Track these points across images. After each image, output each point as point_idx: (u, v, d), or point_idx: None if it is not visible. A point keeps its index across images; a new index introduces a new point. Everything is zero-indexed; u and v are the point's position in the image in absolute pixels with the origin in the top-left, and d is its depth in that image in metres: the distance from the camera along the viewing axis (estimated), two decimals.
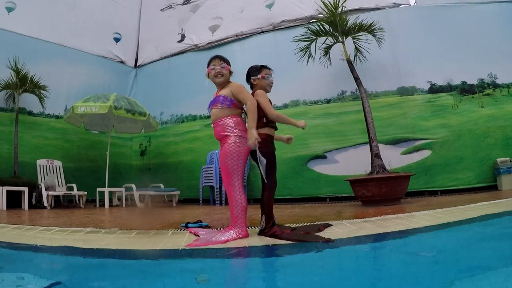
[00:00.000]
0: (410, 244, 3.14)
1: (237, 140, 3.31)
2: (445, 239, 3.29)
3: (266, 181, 3.45)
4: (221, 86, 3.54)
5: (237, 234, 3.24)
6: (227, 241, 3.14)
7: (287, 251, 2.93)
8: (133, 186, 8.44)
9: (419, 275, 2.13)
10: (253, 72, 3.69)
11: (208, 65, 3.55)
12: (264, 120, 3.50)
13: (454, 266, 2.28)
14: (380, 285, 2.00)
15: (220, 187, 8.39)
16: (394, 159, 7.21)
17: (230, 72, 3.57)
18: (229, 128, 3.36)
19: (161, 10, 11.63)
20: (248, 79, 3.73)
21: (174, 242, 3.26)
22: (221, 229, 3.57)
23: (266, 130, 3.49)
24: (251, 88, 3.71)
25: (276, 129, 3.61)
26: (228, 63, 3.56)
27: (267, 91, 3.67)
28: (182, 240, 3.29)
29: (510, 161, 6.96)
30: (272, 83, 3.73)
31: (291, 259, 2.79)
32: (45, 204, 7.46)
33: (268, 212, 3.43)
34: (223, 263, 2.81)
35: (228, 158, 3.29)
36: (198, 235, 3.46)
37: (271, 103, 3.59)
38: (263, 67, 3.71)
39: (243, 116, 3.53)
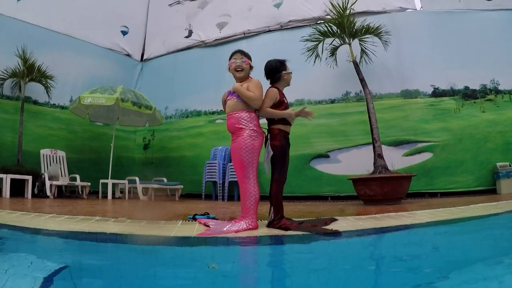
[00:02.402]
0: (413, 236, 3.26)
1: (252, 134, 3.41)
2: (443, 233, 3.43)
3: (273, 173, 3.56)
4: (241, 80, 3.63)
5: (248, 225, 3.33)
6: (237, 231, 3.24)
7: (296, 242, 3.03)
8: (137, 178, 8.50)
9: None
10: (285, 66, 3.80)
11: (230, 58, 3.66)
12: (275, 119, 3.61)
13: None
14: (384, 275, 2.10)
15: (223, 182, 8.47)
16: (396, 160, 7.30)
17: (251, 67, 3.66)
18: (244, 121, 3.45)
19: (169, 5, 11.66)
20: (278, 71, 3.78)
21: (185, 231, 3.34)
22: (232, 220, 3.65)
23: (280, 126, 3.61)
24: (275, 81, 3.80)
25: (290, 124, 3.70)
26: (249, 58, 3.66)
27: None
28: (193, 229, 3.38)
29: (510, 165, 7.07)
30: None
31: (300, 248, 2.89)
32: (48, 193, 7.49)
33: (277, 204, 3.52)
34: (234, 251, 2.91)
35: (243, 151, 3.38)
36: (208, 226, 3.54)
37: (287, 105, 3.72)
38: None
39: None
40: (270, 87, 3.74)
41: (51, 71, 8.68)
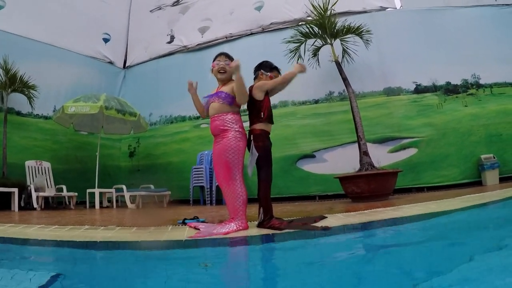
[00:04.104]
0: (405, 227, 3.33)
1: (237, 135, 3.45)
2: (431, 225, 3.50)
3: (260, 175, 3.59)
4: (223, 82, 3.66)
5: (238, 226, 3.34)
6: (228, 233, 3.25)
7: (287, 240, 3.05)
8: (124, 187, 8.43)
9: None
10: (266, 68, 3.87)
11: (214, 60, 3.70)
12: (262, 115, 3.63)
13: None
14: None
15: (211, 187, 8.46)
16: (382, 157, 7.37)
17: None
18: (229, 123, 3.48)
19: (150, 11, 11.61)
20: (258, 69, 3.88)
21: (176, 235, 3.34)
22: (221, 222, 3.65)
23: (262, 125, 3.64)
24: (255, 78, 3.90)
25: (272, 123, 3.74)
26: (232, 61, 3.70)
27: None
28: (183, 233, 3.37)
29: (494, 157, 7.23)
30: None
31: (291, 245, 2.91)
32: (35, 205, 7.35)
33: (266, 205, 3.54)
34: (225, 252, 2.92)
35: (229, 152, 3.40)
36: (198, 229, 3.55)
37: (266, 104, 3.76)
38: (275, 68, 3.92)
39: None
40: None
41: (34, 81, 8.51)
